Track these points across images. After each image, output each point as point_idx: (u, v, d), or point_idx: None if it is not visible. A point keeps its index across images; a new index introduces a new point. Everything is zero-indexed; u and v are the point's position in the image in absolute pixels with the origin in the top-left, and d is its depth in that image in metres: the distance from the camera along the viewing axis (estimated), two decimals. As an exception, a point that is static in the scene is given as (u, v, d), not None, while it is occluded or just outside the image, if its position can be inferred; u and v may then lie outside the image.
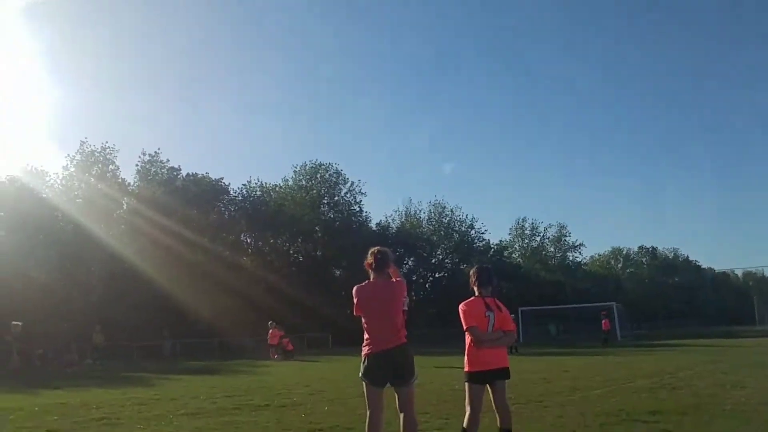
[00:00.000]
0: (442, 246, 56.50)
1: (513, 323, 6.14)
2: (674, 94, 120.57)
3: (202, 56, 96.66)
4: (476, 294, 5.99)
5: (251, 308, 36.05)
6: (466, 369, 5.87)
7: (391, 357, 5.47)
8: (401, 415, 5.54)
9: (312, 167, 51.31)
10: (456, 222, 57.77)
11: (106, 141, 42.05)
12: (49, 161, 56.93)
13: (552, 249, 75.12)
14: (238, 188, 47.98)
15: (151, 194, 41.14)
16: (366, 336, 5.60)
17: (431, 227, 56.93)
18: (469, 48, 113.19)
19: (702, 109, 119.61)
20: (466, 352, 5.87)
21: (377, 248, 5.79)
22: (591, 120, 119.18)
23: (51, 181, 39.92)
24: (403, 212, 58.22)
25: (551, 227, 74.74)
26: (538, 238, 74.78)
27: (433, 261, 56.11)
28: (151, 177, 43.07)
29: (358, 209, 52.10)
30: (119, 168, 42.22)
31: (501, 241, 68.30)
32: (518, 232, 74.37)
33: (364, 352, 5.58)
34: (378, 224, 55.16)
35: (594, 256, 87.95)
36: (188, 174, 44.13)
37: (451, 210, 57.80)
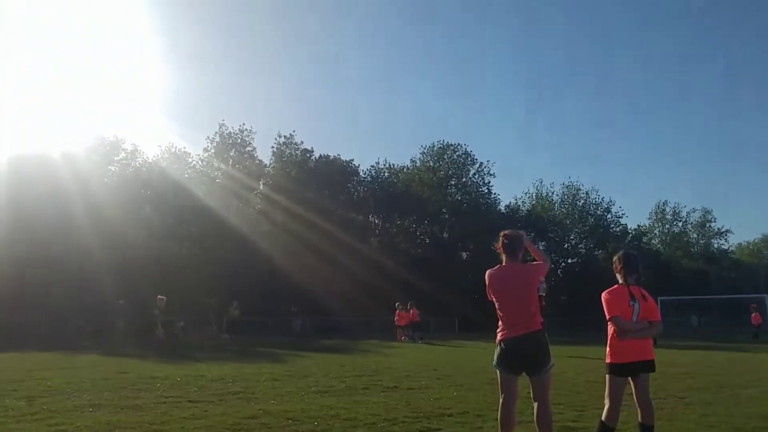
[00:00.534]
0: (576, 230, 54.51)
1: (659, 314, 5.70)
2: None
3: (335, 39, 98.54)
4: (620, 281, 5.59)
5: (378, 289, 36.52)
6: (608, 360, 5.52)
7: (525, 344, 5.26)
8: (535, 405, 5.33)
9: (440, 148, 51.11)
10: (591, 205, 55.43)
11: (243, 123, 43.93)
12: (191, 143, 60.65)
13: (695, 235, 70.27)
14: (367, 169, 48.76)
15: (286, 175, 42.65)
16: (499, 322, 5.40)
17: (564, 210, 54.98)
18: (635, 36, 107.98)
19: None
20: (609, 343, 5.52)
21: (508, 231, 5.55)
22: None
23: (193, 162, 42.37)
24: (534, 194, 56.73)
25: (694, 212, 69.93)
26: (680, 224, 70.16)
27: (566, 246, 54.31)
28: (286, 158, 44.57)
29: (487, 191, 51.44)
30: (255, 149, 44.16)
31: (639, 226, 64.85)
32: (658, 217, 70.10)
33: (498, 338, 5.39)
34: (507, 206, 54.23)
35: (742, 244, 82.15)
36: (320, 156, 45.32)
37: (586, 192, 55.50)
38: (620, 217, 56.80)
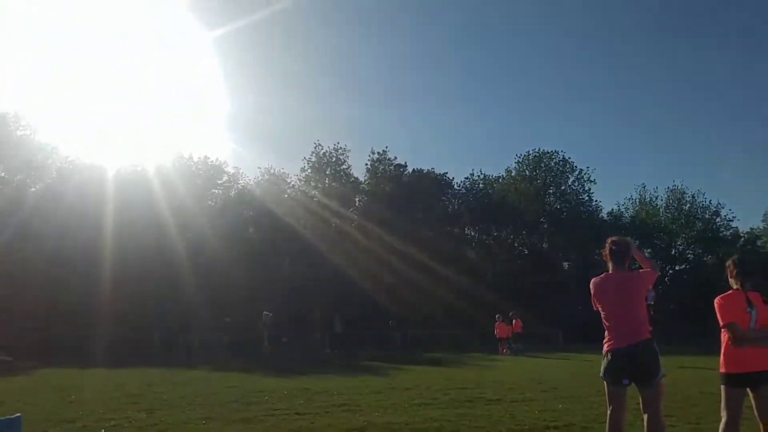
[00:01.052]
0: (683, 236, 51.91)
1: (780, 322, 5.37)
2: None
3: (426, 48, 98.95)
4: (735, 287, 5.31)
5: (477, 302, 36.17)
6: (722, 370, 5.25)
7: (634, 354, 5.10)
8: (645, 417, 5.16)
9: (536, 156, 50.09)
10: (698, 209, 52.73)
11: (338, 142, 44.79)
12: (288, 164, 62.51)
13: (816, 237, 65.45)
14: (461, 181, 48.50)
15: (380, 191, 43.15)
16: (606, 332, 5.26)
17: (669, 215, 52.57)
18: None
19: None
20: (723, 352, 5.24)
21: (614, 238, 5.41)
22: None
23: (291, 182, 43.66)
24: (637, 200, 54.63)
25: (817, 213, 64.85)
26: (801, 225, 65.39)
27: (673, 252, 51.82)
28: (380, 174, 45.04)
29: (587, 198, 49.91)
30: (351, 167, 44.96)
31: (752, 229, 60.99)
32: (773, 219, 65.76)
33: (605, 349, 5.26)
34: (609, 213, 52.43)
35: None
36: (414, 170, 45.52)
37: (692, 196, 52.70)
38: (731, 221, 53.58)
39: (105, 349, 24.74)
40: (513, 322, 28.89)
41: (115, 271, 28.87)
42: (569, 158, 49.67)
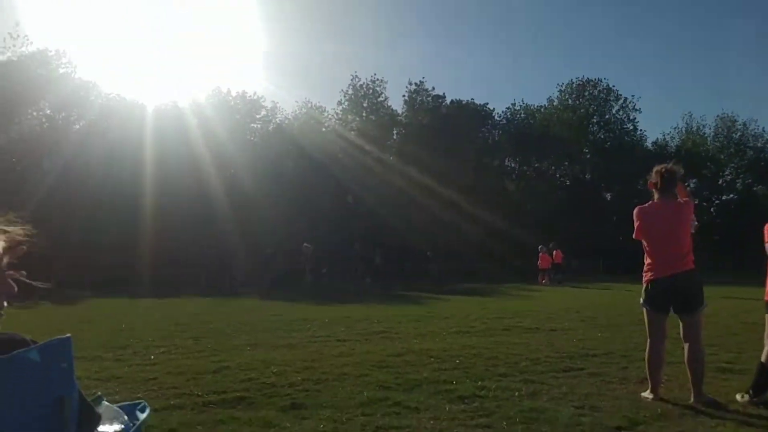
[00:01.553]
0: (732, 165, 50.44)
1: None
2: None
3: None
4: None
5: (517, 233, 36.08)
6: (767, 298, 5.18)
7: (678, 283, 5.06)
8: (686, 346, 5.14)
9: (579, 85, 48.74)
10: (749, 137, 50.96)
11: (374, 74, 44.26)
12: (325, 98, 62.17)
13: None
14: (502, 112, 47.66)
15: (418, 123, 42.71)
16: (648, 261, 5.21)
17: (718, 144, 50.96)
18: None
19: None
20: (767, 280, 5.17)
21: (663, 166, 5.29)
22: None
23: (328, 116, 43.49)
24: (683, 129, 53.06)
25: None
26: None
27: (720, 182, 50.56)
28: (418, 106, 44.49)
29: (632, 128, 48.71)
30: (388, 99, 44.49)
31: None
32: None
33: (647, 278, 5.21)
34: (654, 143, 51.14)
35: None
36: (452, 101, 44.82)
37: (743, 123, 50.93)
38: (785, 149, 51.87)
39: (152, 283, 25.52)
40: (553, 254, 28.85)
41: (157, 207, 29.43)
42: (613, 86, 48.37)
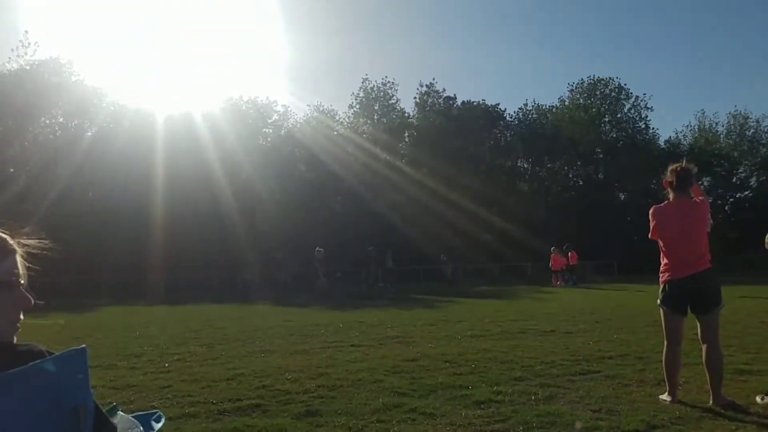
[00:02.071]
0: (745, 163, 50.00)
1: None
2: None
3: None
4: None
5: (530, 234, 35.98)
6: None
7: (696, 284, 5.00)
8: (704, 347, 5.08)
9: (590, 84, 48.56)
10: (762, 134, 50.49)
11: (386, 76, 44.37)
12: (337, 101, 62.28)
13: None
14: (514, 113, 47.57)
15: (429, 125, 42.71)
16: (665, 261, 5.16)
17: (731, 142, 50.52)
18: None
19: None
20: None
21: (678, 164, 5.24)
22: None
23: (340, 119, 43.59)
24: (696, 127, 52.66)
25: None
26: None
27: (734, 180, 50.12)
28: (429, 108, 44.50)
29: (644, 126, 48.47)
30: (399, 101, 44.58)
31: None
32: None
33: (664, 279, 5.16)
34: (667, 141, 50.86)
35: None
36: (464, 102, 44.81)
37: (756, 120, 50.48)
38: (800, 145, 51.28)
39: (164, 289, 25.63)
40: (569, 255, 28.71)
41: (168, 212, 29.57)
42: (625, 85, 48.15)
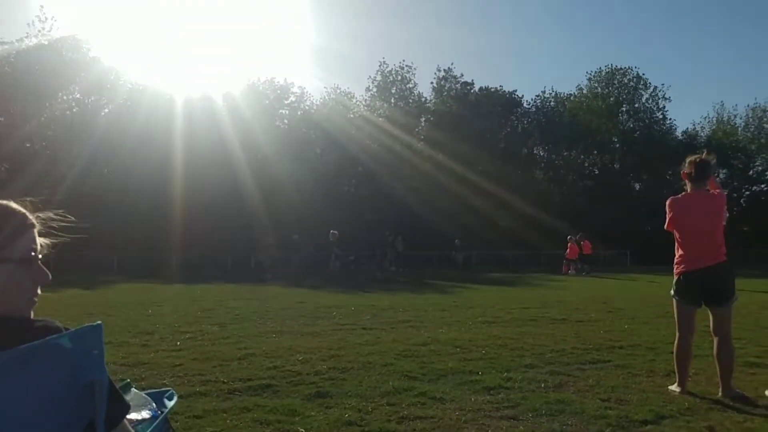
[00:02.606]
0: (762, 156, 49.49)
1: None
2: None
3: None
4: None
5: (545, 222, 35.89)
6: None
7: (710, 276, 4.99)
8: (715, 339, 5.08)
9: (608, 73, 48.13)
10: (780, 127, 50.00)
11: (403, 60, 44.17)
12: (353, 84, 62.04)
13: None
14: (532, 100, 47.28)
15: (446, 110, 42.51)
16: (680, 252, 5.14)
17: (748, 134, 50.01)
18: None
19: None
20: None
21: (697, 156, 5.21)
22: None
23: (357, 102, 43.47)
24: (714, 119, 52.15)
25: None
26: None
27: (751, 173, 49.66)
28: (446, 93, 44.29)
29: (661, 117, 48.01)
30: (416, 85, 44.39)
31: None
32: None
33: (679, 270, 5.14)
34: (684, 133, 50.40)
35: None
36: (481, 88, 44.56)
37: (775, 113, 50.04)
38: (818, 139, 50.66)
39: (179, 268, 25.82)
40: (581, 244, 28.62)
41: (185, 192, 29.71)
42: (643, 74, 47.71)
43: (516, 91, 45.32)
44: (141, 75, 36.42)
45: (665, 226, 5.26)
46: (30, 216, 1.41)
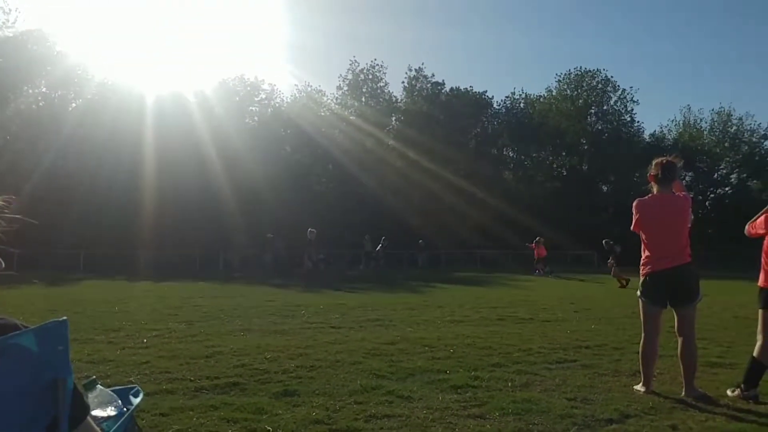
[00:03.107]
0: (727, 159, 50.51)
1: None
2: None
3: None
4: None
5: (513, 223, 36.17)
6: (762, 284, 5.17)
7: (675, 276, 5.08)
8: (680, 339, 5.17)
9: (577, 75, 48.72)
10: (745, 132, 51.00)
11: (374, 59, 44.18)
12: (325, 82, 61.77)
13: None
14: (501, 101, 47.64)
15: (417, 110, 42.63)
16: (647, 253, 5.22)
17: (714, 138, 51.00)
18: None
19: None
20: (763, 267, 5.18)
21: (664, 158, 5.29)
22: None
23: (328, 101, 43.35)
24: (681, 122, 53.06)
25: None
26: None
27: (715, 176, 50.65)
28: (417, 93, 44.40)
29: (630, 119, 48.80)
30: (387, 84, 44.43)
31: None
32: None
33: (645, 271, 5.22)
34: (651, 135, 51.22)
35: None
36: (452, 88, 44.78)
37: (740, 118, 50.94)
38: (781, 144, 51.80)
39: (147, 265, 25.49)
40: (534, 247, 28.84)
41: (155, 188, 29.38)
42: (611, 77, 48.39)
43: (486, 92, 45.91)
44: (110, 71, 35.92)
45: (631, 228, 5.34)
46: None
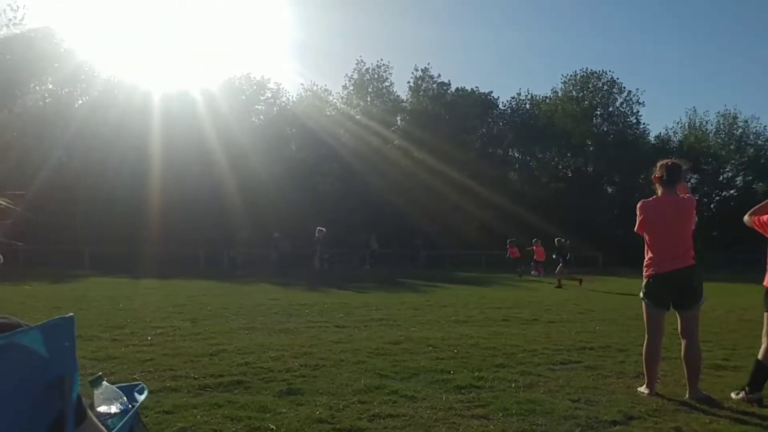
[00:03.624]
0: (732, 161, 50.26)
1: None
2: None
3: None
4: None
5: (519, 223, 36.08)
6: (767, 284, 5.15)
7: (679, 278, 5.07)
8: (684, 341, 5.15)
9: (583, 76, 48.49)
10: (750, 134, 50.76)
11: (381, 59, 44.16)
12: (331, 81, 61.80)
13: None
14: (507, 101, 47.56)
15: (422, 110, 42.60)
16: (650, 255, 5.20)
17: (719, 140, 50.75)
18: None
19: None
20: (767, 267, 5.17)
21: (669, 160, 5.27)
22: None
23: (333, 100, 43.35)
24: (686, 124, 52.85)
25: None
26: None
27: (721, 179, 50.43)
28: (422, 93, 44.37)
29: (635, 121, 48.50)
30: (393, 84, 44.42)
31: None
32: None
33: (648, 273, 5.21)
34: (657, 137, 51.00)
35: None
36: (457, 89, 44.75)
37: (745, 121, 50.66)
38: (787, 147, 51.59)
39: (152, 263, 25.54)
40: (534, 249, 28.78)
41: (161, 186, 29.42)
42: (617, 79, 48.10)
43: (492, 93, 45.78)
44: (117, 69, 36.00)
45: (635, 229, 5.33)
46: None
